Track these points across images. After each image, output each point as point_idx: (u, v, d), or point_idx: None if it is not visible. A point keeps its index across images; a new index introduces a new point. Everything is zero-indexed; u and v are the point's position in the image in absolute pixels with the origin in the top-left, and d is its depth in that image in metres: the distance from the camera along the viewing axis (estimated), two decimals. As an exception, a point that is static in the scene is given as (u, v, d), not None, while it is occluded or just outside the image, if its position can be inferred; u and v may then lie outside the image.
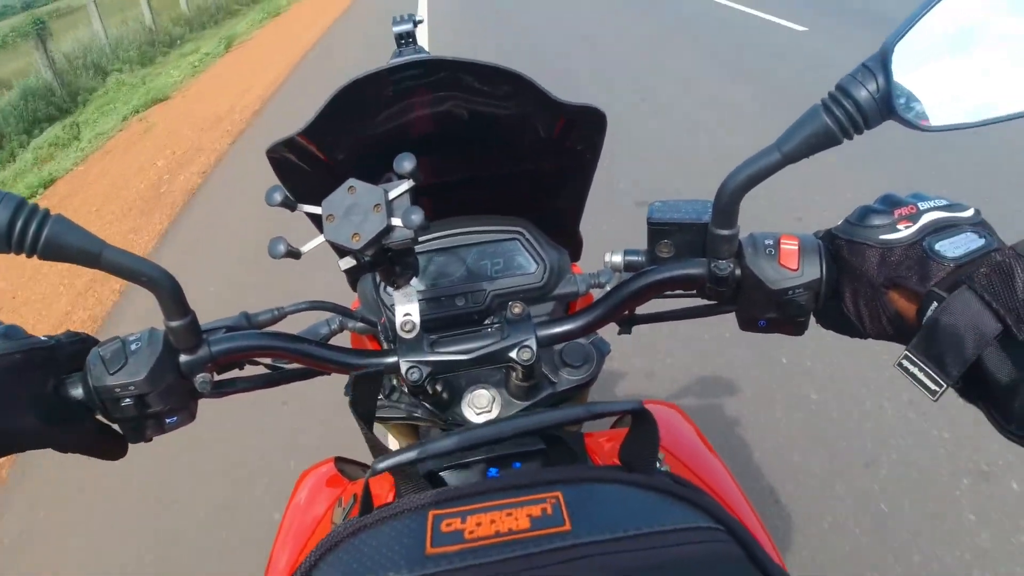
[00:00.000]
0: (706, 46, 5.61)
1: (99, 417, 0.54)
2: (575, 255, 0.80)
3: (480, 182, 0.72)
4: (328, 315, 0.70)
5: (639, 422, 0.46)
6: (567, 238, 0.77)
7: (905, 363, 0.44)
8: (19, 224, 0.42)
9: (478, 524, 0.39)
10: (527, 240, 0.72)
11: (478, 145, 0.68)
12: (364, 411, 0.51)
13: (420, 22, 0.83)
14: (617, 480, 0.44)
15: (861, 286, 0.49)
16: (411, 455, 0.45)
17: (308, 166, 0.63)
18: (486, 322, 0.71)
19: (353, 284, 0.79)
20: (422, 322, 0.56)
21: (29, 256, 0.44)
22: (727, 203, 0.49)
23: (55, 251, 0.44)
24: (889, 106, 0.42)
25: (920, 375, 0.44)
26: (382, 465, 0.44)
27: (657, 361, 2.11)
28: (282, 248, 0.47)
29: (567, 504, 0.40)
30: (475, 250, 0.73)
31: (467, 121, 0.63)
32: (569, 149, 0.65)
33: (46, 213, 0.44)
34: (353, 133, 0.62)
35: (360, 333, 0.77)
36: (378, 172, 0.49)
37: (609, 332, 0.66)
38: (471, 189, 0.72)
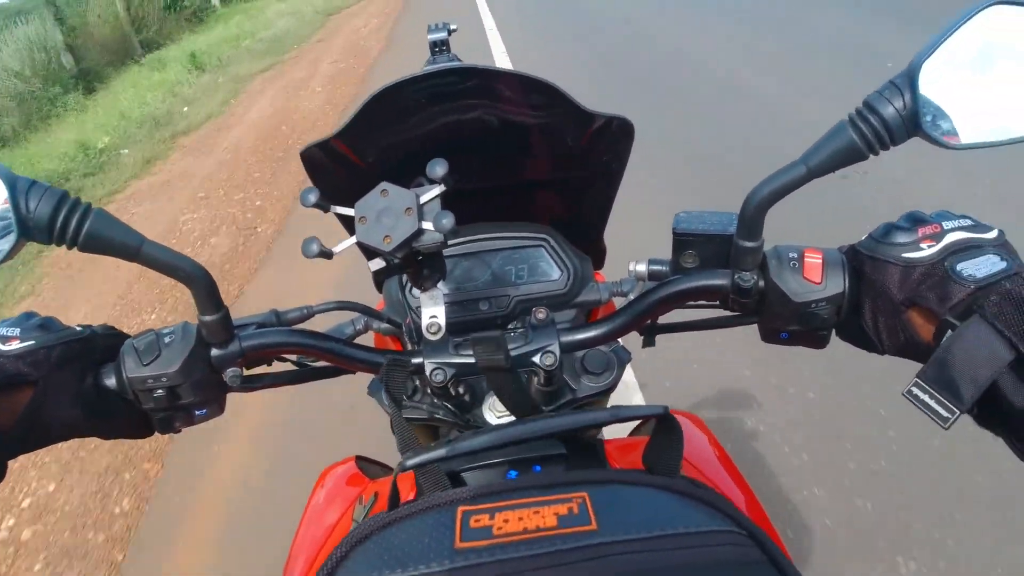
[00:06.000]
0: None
1: (130, 407, 0.55)
2: (598, 263, 0.81)
3: (507, 189, 0.73)
4: (353, 315, 0.71)
5: (664, 427, 0.47)
6: (590, 246, 0.78)
7: (915, 390, 0.44)
8: (61, 217, 0.43)
9: (506, 521, 0.40)
10: (552, 247, 0.73)
11: (506, 152, 0.69)
12: (396, 395, 0.52)
13: (454, 31, 0.85)
14: (641, 483, 0.44)
15: (881, 303, 0.49)
16: (440, 452, 0.46)
17: (340, 168, 0.65)
18: (509, 327, 0.72)
19: (379, 285, 0.81)
20: (447, 325, 0.57)
21: (70, 248, 0.45)
22: (752, 215, 0.49)
23: (95, 244, 0.45)
24: (915, 123, 0.42)
25: (931, 402, 0.43)
26: (411, 462, 0.45)
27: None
28: (315, 248, 0.49)
29: (593, 504, 0.41)
30: (500, 255, 0.74)
31: (496, 128, 0.64)
32: (595, 158, 0.66)
33: (88, 207, 0.45)
34: (385, 137, 0.64)
35: (384, 334, 0.78)
36: (408, 175, 0.51)
37: (630, 342, 0.66)
38: (497, 195, 0.73)
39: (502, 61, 5.71)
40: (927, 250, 0.47)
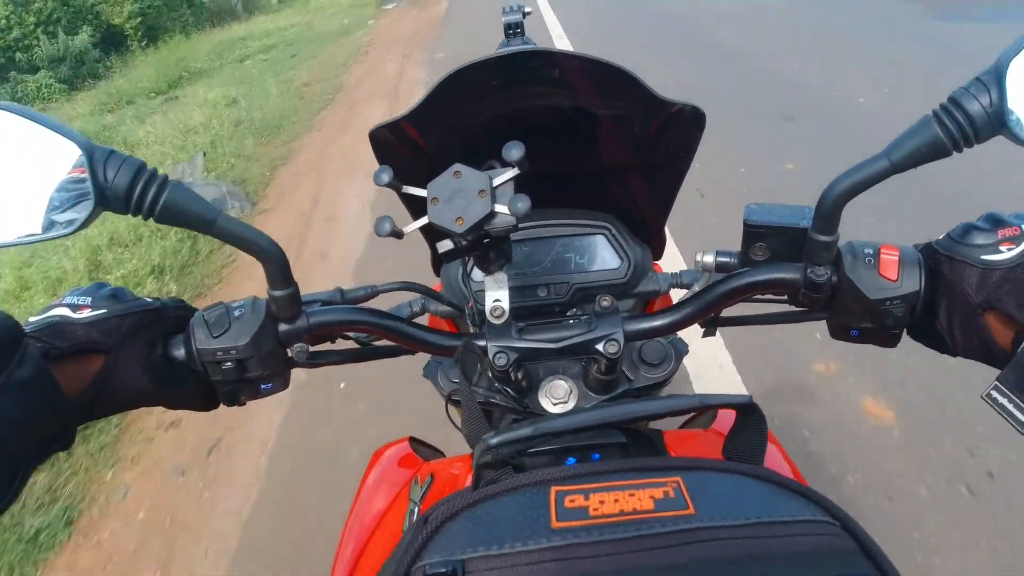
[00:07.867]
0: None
1: (197, 378, 0.56)
2: (657, 253, 0.80)
3: (571, 175, 0.73)
4: (412, 297, 0.72)
5: (748, 416, 0.47)
6: (650, 235, 0.77)
7: (995, 394, 0.44)
8: (139, 188, 0.43)
9: (601, 502, 0.40)
10: (613, 235, 0.73)
11: (573, 138, 0.68)
12: (470, 374, 0.53)
13: (529, 13, 0.84)
14: (732, 470, 0.44)
15: (957, 304, 0.48)
16: (526, 431, 0.45)
17: (406, 150, 0.65)
18: (568, 314, 0.72)
19: (436, 269, 0.82)
20: (509, 309, 0.57)
21: (146, 219, 0.45)
22: (830, 209, 0.49)
23: (172, 216, 0.45)
24: (1001, 121, 0.41)
25: (1011, 407, 0.43)
26: (496, 440, 0.45)
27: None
28: (388, 227, 0.49)
29: (688, 489, 0.41)
30: (561, 242, 0.74)
31: (566, 114, 0.64)
32: (663, 147, 0.65)
33: (165, 179, 0.45)
34: (453, 120, 0.63)
35: (442, 316, 0.79)
36: (470, 159, 0.51)
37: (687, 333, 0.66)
38: (561, 182, 0.73)
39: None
40: (1006, 253, 0.46)
